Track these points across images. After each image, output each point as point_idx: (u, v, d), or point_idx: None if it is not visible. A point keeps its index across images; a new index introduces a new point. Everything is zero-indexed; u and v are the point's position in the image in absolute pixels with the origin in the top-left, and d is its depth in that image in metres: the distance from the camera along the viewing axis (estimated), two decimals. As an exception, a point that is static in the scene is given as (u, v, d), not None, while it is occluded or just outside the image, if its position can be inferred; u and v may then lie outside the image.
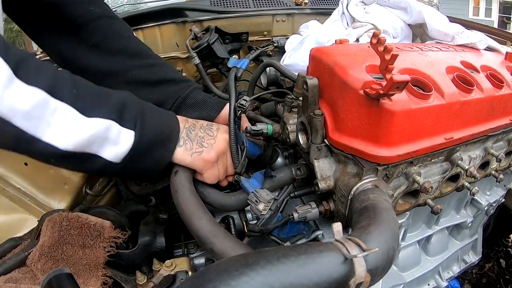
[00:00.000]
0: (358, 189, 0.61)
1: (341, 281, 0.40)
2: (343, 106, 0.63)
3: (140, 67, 0.83)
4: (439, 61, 0.74)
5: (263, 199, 0.70)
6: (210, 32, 1.24)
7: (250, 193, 0.73)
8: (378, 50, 0.51)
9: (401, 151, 0.61)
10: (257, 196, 0.71)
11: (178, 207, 0.69)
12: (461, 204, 1.03)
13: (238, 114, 0.78)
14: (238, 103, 0.79)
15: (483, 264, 1.77)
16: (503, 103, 0.77)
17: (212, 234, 0.63)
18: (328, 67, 0.66)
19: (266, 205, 0.70)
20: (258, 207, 0.70)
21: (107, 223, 0.75)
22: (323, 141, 0.68)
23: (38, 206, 0.83)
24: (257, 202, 0.70)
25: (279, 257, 0.38)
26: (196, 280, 0.36)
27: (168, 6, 1.34)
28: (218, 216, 0.94)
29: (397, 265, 0.93)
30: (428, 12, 0.96)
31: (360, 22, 1.04)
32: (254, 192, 0.72)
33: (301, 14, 1.47)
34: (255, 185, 0.75)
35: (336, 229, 0.44)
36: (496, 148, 0.83)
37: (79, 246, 0.73)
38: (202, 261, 0.88)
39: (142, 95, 0.74)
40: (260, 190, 0.73)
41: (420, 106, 0.61)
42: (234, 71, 0.95)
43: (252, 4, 1.42)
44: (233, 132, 0.77)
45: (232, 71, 0.94)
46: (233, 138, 0.77)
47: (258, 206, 0.70)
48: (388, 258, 0.45)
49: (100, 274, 0.73)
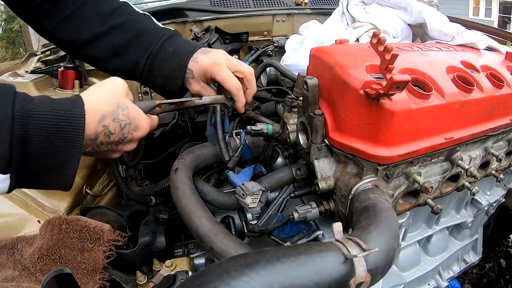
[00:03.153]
0: (358, 189, 0.61)
1: (341, 281, 0.40)
2: (343, 106, 0.63)
3: (112, 29, 0.81)
4: (439, 61, 0.74)
5: (249, 192, 0.69)
6: (210, 32, 1.24)
7: (237, 187, 0.72)
8: (378, 50, 0.51)
9: (401, 151, 0.61)
10: (243, 189, 0.70)
11: (178, 205, 0.69)
12: (461, 204, 1.03)
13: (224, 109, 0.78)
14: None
15: (484, 264, 1.77)
16: (503, 103, 0.77)
17: (212, 232, 0.63)
18: (328, 67, 0.66)
19: (253, 197, 0.69)
20: (245, 201, 0.69)
21: (107, 227, 0.75)
22: (323, 141, 0.68)
23: (38, 206, 0.83)
24: (244, 195, 0.70)
25: (279, 257, 0.38)
26: (196, 280, 0.36)
27: (168, 6, 1.34)
28: (218, 216, 0.94)
29: (397, 265, 0.92)
30: (428, 12, 0.96)
31: (360, 22, 1.04)
32: (240, 185, 0.71)
33: (301, 14, 1.47)
34: (242, 179, 0.74)
35: (336, 229, 0.44)
36: (496, 148, 0.83)
37: (78, 250, 0.73)
38: (202, 261, 0.88)
39: (115, 63, 0.79)
40: (246, 182, 0.72)
41: (420, 106, 0.61)
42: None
43: (252, 4, 1.43)
44: (219, 125, 0.77)
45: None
46: (220, 131, 0.77)
47: (245, 200, 0.69)
48: (388, 258, 0.45)
49: (97, 278, 0.73)
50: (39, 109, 0.50)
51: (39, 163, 0.51)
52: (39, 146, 0.50)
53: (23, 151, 0.48)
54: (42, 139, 0.50)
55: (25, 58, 1.44)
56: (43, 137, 0.50)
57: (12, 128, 0.46)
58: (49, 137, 0.50)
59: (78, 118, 0.53)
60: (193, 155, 0.79)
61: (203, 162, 0.81)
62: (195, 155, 0.80)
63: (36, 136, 0.49)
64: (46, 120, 0.50)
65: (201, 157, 0.81)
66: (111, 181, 1.01)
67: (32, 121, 0.49)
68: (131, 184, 1.05)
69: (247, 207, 0.69)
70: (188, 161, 0.77)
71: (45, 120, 0.50)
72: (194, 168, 0.78)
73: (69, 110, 0.53)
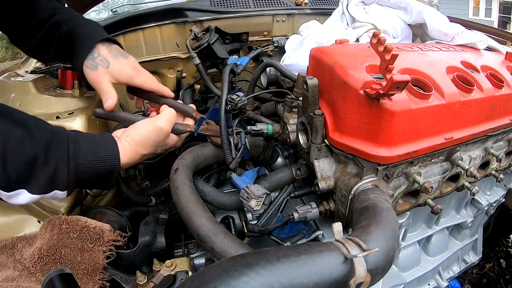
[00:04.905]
0: (358, 189, 0.61)
1: (341, 281, 0.40)
2: (343, 106, 0.63)
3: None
4: (439, 61, 0.74)
5: (253, 195, 0.69)
6: (210, 32, 1.24)
7: (241, 190, 0.72)
8: (378, 50, 0.51)
9: (401, 151, 0.61)
10: (247, 192, 0.70)
11: (178, 205, 0.69)
12: (461, 204, 1.03)
13: (228, 108, 0.78)
14: (229, 97, 0.79)
15: (483, 264, 1.77)
16: (503, 103, 0.77)
17: (213, 232, 0.63)
18: (328, 67, 0.66)
19: (258, 200, 0.69)
20: (250, 204, 0.69)
21: (107, 227, 0.75)
22: (323, 141, 0.68)
23: (38, 207, 0.82)
24: (248, 199, 0.70)
25: (279, 257, 0.38)
26: (196, 280, 0.36)
27: (169, 6, 1.34)
28: (218, 216, 0.94)
29: (397, 265, 0.92)
30: (428, 12, 0.96)
31: (360, 22, 1.04)
32: (244, 188, 0.71)
33: (301, 14, 1.47)
34: (246, 182, 0.74)
35: (336, 229, 0.44)
36: (496, 148, 0.83)
37: (78, 250, 0.73)
38: (202, 261, 0.88)
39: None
40: (251, 185, 0.72)
41: (420, 106, 0.61)
42: (230, 67, 0.95)
43: (252, 4, 1.42)
44: (223, 125, 0.77)
45: (227, 66, 0.94)
46: (224, 131, 0.77)
47: (250, 203, 0.69)
48: (388, 258, 0.45)
49: (97, 278, 0.73)
50: (85, 149, 0.69)
51: (86, 184, 0.73)
52: (86, 178, 0.69)
53: (76, 178, 0.68)
54: (89, 173, 0.69)
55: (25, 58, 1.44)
56: (89, 173, 0.69)
57: (68, 163, 0.66)
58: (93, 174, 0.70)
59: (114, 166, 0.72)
60: (193, 154, 0.79)
61: (203, 162, 0.82)
62: (195, 154, 0.80)
63: (85, 171, 0.68)
64: (90, 164, 0.69)
65: (201, 157, 0.81)
66: (111, 181, 1.01)
67: (80, 160, 0.68)
68: (131, 184, 1.05)
69: (251, 210, 0.70)
70: (188, 161, 0.77)
71: (90, 164, 0.69)
72: (195, 168, 0.78)
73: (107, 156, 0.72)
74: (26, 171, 0.62)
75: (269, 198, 0.72)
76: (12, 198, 0.63)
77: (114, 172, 0.72)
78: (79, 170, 0.68)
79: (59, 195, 0.68)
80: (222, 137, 0.77)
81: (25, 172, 0.62)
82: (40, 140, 0.64)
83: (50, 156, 0.64)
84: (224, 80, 0.85)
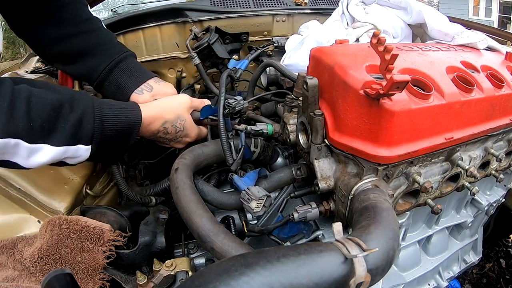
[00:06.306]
0: (358, 189, 0.61)
1: (341, 281, 0.40)
2: (343, 106, 0.63)
3: (82, 33, 0.87)
4: (439, 61, 0.74)
5: (254, 197, 0.70)
6: (210, 32, 1.24)
7: (242, 191, 0.72)
8: (378, 50, 0.51)
9: (401, 151, 0.61)
10: (248, 194, 0.70)
11: (178, 205, 0.69)
12: (461, 204, 1.03)
13: (225, 112, 0.79)
14: (226, 101, 0.79)
15: (483, 264, 1.77)
16: (503, 103, 0.77)
17: (213, 232, 0.63)
18: (328, 67, 0.66)
19: (258, 202, 0.70)
20: (250, 205, 0.70)
21: (107, 227, 0.75)
22: (323, 141, 0.68)
23: (38, 207, 0.82)
24: (249, 200, 0.70)
25: (279, 257, 0.38)
26: (196, 280, 0.36)
27: (168, 6, 1.34)
28: (218, 216, 0.94)
29: (397, 265, 0.93)
30: (428, 12, 0.96)
31: (360, 22, 1.04)
32: (245, 190, 0.71)
33: (301, 14, 1.46)
34: (247, 184, 0.74)
35: (336, 229, 0.44)
36: (496, 148, 0.83)
37: (78, 250, 0.73)
38: (202, 261, 0.88)
39: (78, 63, 0.86)
40: (252, 187, 0.72)
41: (420, 106, 0.61)
42: (227, 72, 0.96)
43: (252, 4, 1.42)
44: (223, 129, 0.78)
45: (225, 71, 0.96)
46: (224, 135, 0.77)
47: (250, 204, 0.70)
48: (388, 258, 0.45)
49: (97, 278, 0.73)
50: (107, 102, 0.73)
51: (108, 142, 0.73)
52: (109, 133, 0.72)
53: (101, 129, 0.69)
54: (112, 128, 0.72)
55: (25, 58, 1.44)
56: (112, 127, 0.72)
57: (94, 112, 0.68)
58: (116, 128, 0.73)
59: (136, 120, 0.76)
60: (194, 154, 0.79)
61: (203, 162, 0.81)
62: (195, 154, 0.80)
63: (109, 122, 0.71)
64: (114, 115, 0.72)
65: (202, 156, 0.81)
66: (111, 181, 1.01)
67: (104, 110, 0.71)
68: (131, 184, 1.05)
69: (252, 211, 0.70)
70: (189, 160, 0.77)
71: (114, 115, 0.72)
72: (195, 168, 0.78)
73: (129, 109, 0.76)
74: (50, 117, 0.61)
75: (270, 200, 0.72)
76: (32, 156, 0.62)
77: (135, 128, 0.75)
78: (104, 121, 0.69)
79: (82, 152, 0.68)
80: (222, 141, 0.77)
81: (49, 118, 0.61)
82: (65, 93, 0.66)
83: (75, 104, 0.65)
84: (221, 86, 0.86)
